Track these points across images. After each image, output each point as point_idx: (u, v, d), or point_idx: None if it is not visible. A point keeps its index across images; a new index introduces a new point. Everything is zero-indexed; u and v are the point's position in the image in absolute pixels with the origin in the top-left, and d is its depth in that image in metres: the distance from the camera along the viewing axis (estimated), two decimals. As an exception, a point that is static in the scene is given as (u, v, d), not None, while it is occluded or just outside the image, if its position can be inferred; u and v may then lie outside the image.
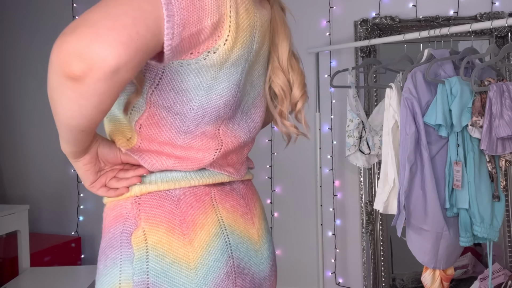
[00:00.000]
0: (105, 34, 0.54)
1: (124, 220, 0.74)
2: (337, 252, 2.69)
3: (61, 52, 0.55)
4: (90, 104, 0.58)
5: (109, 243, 0.74)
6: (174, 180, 0.75)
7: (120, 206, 0.76)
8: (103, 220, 0.79)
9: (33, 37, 2.98)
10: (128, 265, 0.70)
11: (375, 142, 2.30)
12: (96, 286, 0.75)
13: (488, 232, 1.66)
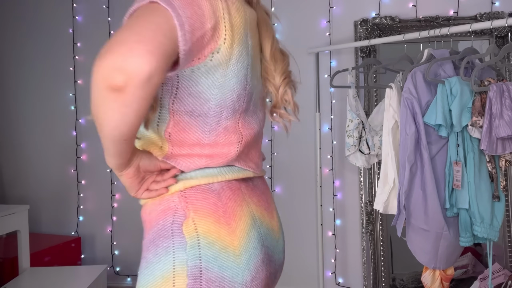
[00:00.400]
0: (135, 47, 0.64)
1: (173, 212, 0.82)
2: (337, 252, 2.69)
3: (103, 69, 0.64)
4: (131, 111, 0.67)
5: (158, 234, 0.81)
6: (212, 175, 0.85)
7: (167, 200, 0.84)
8: (147, 216, 0.88)
9: (33, 37, 2.98)
10: (181, 252, 0.78)
11: (375, 142, 2.30)
12: (143, 274, 0.80)
13: (488, 232, 1.66)
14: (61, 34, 2.94)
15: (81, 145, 2.93)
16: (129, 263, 2.89)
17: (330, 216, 2.69)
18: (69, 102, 2.94)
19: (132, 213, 2.90)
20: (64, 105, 2.95)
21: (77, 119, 2.93)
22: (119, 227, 2.90)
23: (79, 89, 2.93)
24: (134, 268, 2.93)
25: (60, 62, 2.94)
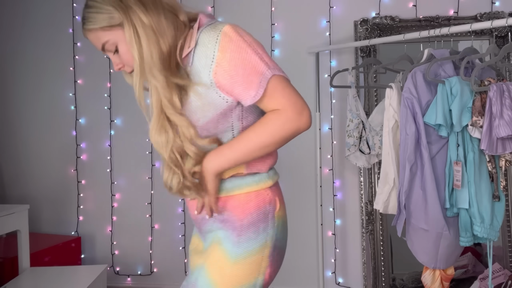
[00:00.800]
0: (305, 105, 1.07)
1: (269, 202, 1.14)
2: (337, 252, 2.68)
3: (305, 123, 1.08)
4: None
5: (258, 218, 1.11)
6: (277, 173, 1.25)
7: (263, 194, 1.14)
8: (244, 204, 1.11)
9: (34, 38, 2.98)
10: (272, 230, 1.12)
11: (375, 142, 2.30)
12: (243, 246, 1.09)
13: (488, 232, 1.66)
14: (61, 34, 2.94)
15: (81, 145, 2.93)
16: (129, 263, 2.89)
17: (330, 216, 2.69)
18: (69, 102, 2.94)
19: (132, 213, 2.91)
20: (64, 105, 2.95)
21: (77, 119, 2.93)
22: (119, 227, 2.90)
23: (79, 89, 2.93)
24: (134, 268, 2.95)
25: (60, 62, 2.94)
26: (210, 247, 1.13)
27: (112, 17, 1.03)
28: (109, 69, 2.88)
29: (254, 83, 1.00)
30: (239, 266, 1.08)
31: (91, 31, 1.06)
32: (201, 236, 1.21)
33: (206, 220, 1.16)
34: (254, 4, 2.74)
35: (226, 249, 1.09)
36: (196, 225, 1.23)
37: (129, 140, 2.88)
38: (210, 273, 1.09)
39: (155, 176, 2.86)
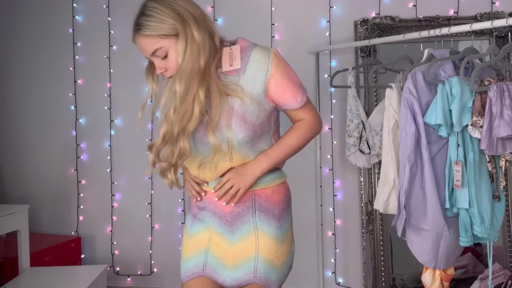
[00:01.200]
0: (320, 116, 1.45)
1: (289, 190, 1.47)
2: (337, 252, 2.69)
3: (321, 129, 1.44)
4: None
5: (287, 203, 1.44)
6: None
7: (285, 184, 1.45)
8: (278, 194, 1.40)
9: (34, 37, 2.98)
10: (291, 213, 1.47)
11: (375, 142, 2.30)
12: (285, 226, 1.40)
13: (488, 232, 1.66)
14: (61, 34, 2.94)
15: (81, 145, 2.93)
16: (129, 263, 2.89)
17: (330, 216, 2.70)
18: (69, 102, 2.94)
19: (132, 213, 2.91)
20: (64, 105, 2.95)
21: (77, 119, 2.93)
22: (119, 227, 2.90)
23: (79, 89, 2.93)
24: (134, 268, 2.95)
25: (60, 62, 2.94)
26: (251, 237, 1.34)
27: (171, 28, 1.22)
28: (109, 69, 2.88)
29: (299, 92, 1.37)
30: (284, 244, 1.38)
31: (147, 37, 1.24)
32: (226, 230, 1.37)
33: (240, 215, 1.35)
34: (254, 4, 2.74)
35: (273, 234, 1.35)
36: (216, 220, 1.38)
37: (129, 140, 2.88)
38: (267, 258, 1.33)
39: (155, 176, 2.86)
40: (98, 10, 2.89)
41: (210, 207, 1.38)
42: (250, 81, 1.27)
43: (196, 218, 1.42)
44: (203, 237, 1.40)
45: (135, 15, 1.33)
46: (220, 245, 1.37)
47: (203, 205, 1.40)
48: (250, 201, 1.35)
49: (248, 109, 1.28)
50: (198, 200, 1.41)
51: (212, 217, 1.38)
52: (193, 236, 1.41)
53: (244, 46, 1.30)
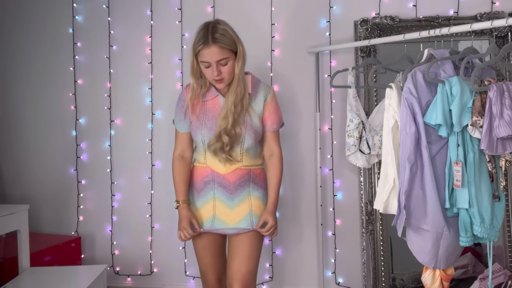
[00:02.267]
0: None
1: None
2: (337, 252, 2.68)
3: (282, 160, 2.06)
4: None
5: (266, 181, 2.03)
6: None
7: (264, 169, 2.04)
8: (261, 173, 2.01)
9: (33, 37, 2.98)
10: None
11: (375, 142, 2.30)
12: (265, 195, 2.03)
13: (488, 232, 1.66)
14: (61, 34, 2.94)
15: (81, 145, 2.93)
16: (129, 263, 2.89)
17: (330, 216, 2.70)
18: (69, 102, 2.94)
19: (132, 213, 2.91)
20: (64, 105, 2.95)
21: (77, 119, 2.93)
22: (119, 227, 2.90)
23: (79, 89, 2.93)
24: (134, 268, 2.95)
25: (60, 62, 2.94)
26: (246, 201, 1.93)
27: (234, 45, 1.83)
28: (109, 69, 2.88)
29: (277, 122, 2.00)
30: (265, 204, 1.99)
31: (221, 48, 1.77)
32: (227, 197, 1.91)
33: (241, 185, 1.92)
34: (254, 4, 2.74)
35: (260, 198, 1.98)
36: (221, 190, 1.92)
37: (129, 140, 2.88)
38: (257, 212, 1.95)
39: (155, 176, 2.86)
40: (98, 10, 2.89)
41: (217, 180, 1.91)
42: (257, 104, 1.94)
43: (202, 191, 1.94)
44: (208, 208, 1.94)
45: (199, 30, 1.82)
46: (223, 210, 1.92)
47: (209, 179, 1.93)
48: (248, 175, 1.94)
49: (255, 123, 1.92)
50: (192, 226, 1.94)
51: (218, 188, 1.91)
52: (200, 208, 1.95)
53: (254, 77, 1.96)
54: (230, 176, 1.91)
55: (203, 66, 1.82)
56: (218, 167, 1.91)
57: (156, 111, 2.84)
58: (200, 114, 1.92)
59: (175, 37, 2.80)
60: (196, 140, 1.94)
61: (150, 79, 2.85)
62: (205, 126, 1.89)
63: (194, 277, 2.81)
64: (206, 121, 1.90)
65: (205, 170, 1.94)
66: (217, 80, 1.83)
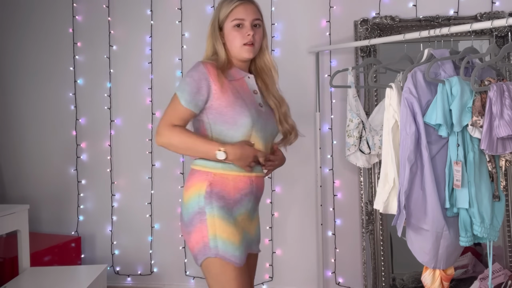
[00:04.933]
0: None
1: None
2: (337, 252, 2.68)
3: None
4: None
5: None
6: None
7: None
8: (262, 184, 1.65)
9: (33, 37, 2.98)
10: None
11: (375, 142, 2.30)
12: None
13: (488, 232, 1.66)
14: (61, 34, 2.94)
15: (81, 145, 2.93)
16: (129, 263, 2.89)
17: (330, 216, 2.69)
18: (69, 102, 2.94)
19: (132, 213, 2.91)
20: (64, 105, 2.95)
21: (77, 119, 2.93)
22: (119, 227, 2.90)
23: (79, 89, 2.93)
24: (134, 268, 2.95)
25: (60, 62, 2.95)
26: (257, 213, 1.66)
27: (262, 18, 1.64)
28: (109, 69, 2.88)
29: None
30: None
31: (256, 7, 1.61)
32: (252, 209, 1.60)
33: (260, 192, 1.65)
34: (254, 4, 2.74)
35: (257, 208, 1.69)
36: (253, 203, 1.60)
37: (129, 140, 2.89)
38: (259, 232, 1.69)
39: (155, 176, 2.86)
40: (98, 10, 2.89)
41: (254, 191, 1.58)
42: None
43: (236, 206, 1.54)
44: (241, 222, 1.56)
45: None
46: (247, 224, 1.59)
47: (249, 191, 1.56)
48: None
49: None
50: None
51: (254, 201, 1.60)
52: (237, 224, 1.53)
53: None
54: (262, 186, 1.65)
55: (231, 29, 1.56)
56: (256, 171, 1.59)
57: (156, 111, 2.84)
58: (233, 93, 1.54)
59: (175, 37, 2.80)
60: (240, 123, 1.52)
61: (150, 79, 2.85)
62: (250, 105, 1.55)
63: (194, 277, 2.81)
64: (247, 100, 1.56)
65: (242, 180, 1.55)
66: (249, 44, 1.55)
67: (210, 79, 1.49)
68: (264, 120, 1.58)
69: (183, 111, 1.50)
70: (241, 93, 1.55)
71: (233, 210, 1.53)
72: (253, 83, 1.62)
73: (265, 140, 1.59)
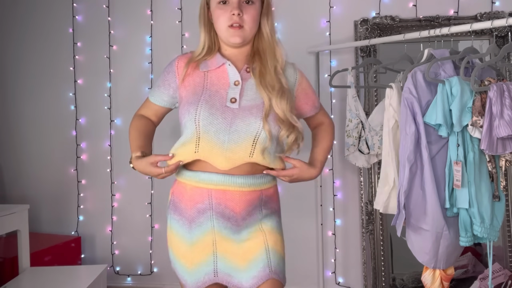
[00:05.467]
0: None
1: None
2: (337, 252, 2.68)
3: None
4: None
5: (279, 202, 1.51)
6: None
7: (276, 185, 1.52)
8: (274, 193, 1.47)
9: (34, 37, 2.98)
10: None
11: (374, 142, 2.30)
12: (280, 222, 1.45)
13: (488, 232, 1.66)
14: (61, 34, 2.94)
15: (81, 145, 2.93)
16: (129, 263, 2.89)
17: (330, 216, 2.69)
18: (69, 102, 2.94)
19: (132, 213, 2.91)
20: (64, 105, 2.95)
21: (77, 119, 2.93)
22: (119, 227, 2.90)
23: (79, 89, 2.93)
24: (134, 268, 2.95)
25: (60, 62, 2.94)
26: (257, 233, 1.33)
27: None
28: (109, 69, 2.88)
29: (317, 99, 1.56)
30: (282, 236, 1.40)
31: None
32: (232, 231, 1.31)
33: (251, 213, 1.33)
34: (254, 4, 2.74)
35: (276, 228, 1.38)
36: (222, 222, 1.31)
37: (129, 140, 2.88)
38: (277, 249, 1.33)
39: (155, 176, 2.86)
40: (98, 10, 2.89)
41: (218, 209, 1.29)
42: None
43: (194, 223, 1.31)
44: (207, 243, 1.32)
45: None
46: (227, 247, 1.31)
47: (206, 206, 1.30)
48: (259, 200, 1.35)
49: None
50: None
51: (218, 219, 1.29)
52: (196, 244, 1.32)
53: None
54: (236, 203, 1.31)
55: (216, 6, 1.32)
56: (215, 184, 1.30)
57: (156, 111, 2.84)
58: (191, 88, 1.35)
59: (175, 37, 2.80)
60: (184, 123, 1.32)
61: (150, 79, 2.84)
62: (203, 101, 1.30)
63: (194, 277, 2.81)
64: (206, 96, 1.31)
65: (197, 192, 1.32)
66: (235, 26, 1.30)
67: (176, 73, 1.38)
68: (230, 120, 1.28)
69: (149, 103, 1.52)
70: (204, 87, 1.33)
71: (191, 227, 1.32)
72: (234, 73, 1.34)
73: (228, 145, 1.27)
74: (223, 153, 1.28)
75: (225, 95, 1.31)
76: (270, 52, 1.36)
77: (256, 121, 1.29)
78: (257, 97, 1.33)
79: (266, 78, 1.33)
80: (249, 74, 1.36)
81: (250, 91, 1.33)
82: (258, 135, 1.29)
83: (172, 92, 1.41)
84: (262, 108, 1.31)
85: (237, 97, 1.31)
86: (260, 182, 1.36)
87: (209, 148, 1.28)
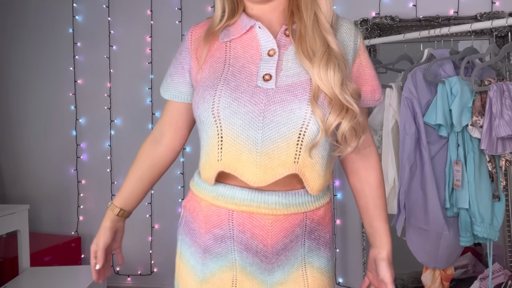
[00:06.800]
0: None
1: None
2: (337, 252, 2.68)
3: None
4: None
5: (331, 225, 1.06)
6: None
7: (331, 201, 1.08)
8: (326, 215, 1.00)
9: (33, 37, 2.98)
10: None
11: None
12: (331, 259, 1.02)
13: (488, 232, 1.66)
14: (61, 34, 2.94)
15: (81, 145, 2.93)
16: (129, 263, 2.89)
17: (330, 216, 2.69)
18: (69, 102, 2.94)
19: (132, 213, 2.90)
20: (64, 105, 2.95)
21: (77, 119, 2.93)
22: (119, 227, 2.89)
23: (79, 89, 2.93)
24: (134, 268, 2.94)
25: (60, 62, 2.94)
26: (296, 276, 0.94)
27: None
28: (109, 69, 2.88)
29: (379, 87, 1.03)
30: (333, 279, 1.02)
31: None
32: (260, 269, 0.93)
33: (288, 248, 0.92)
34: (254, 4, 2.74)
35: (325, 269, 0.97)
36: (247, 257, 0.92)
37: (129, 140, 2.88)
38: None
39: (155, 176, 2.86)
40: (98, 10, 2.89)
41: (240, 238, 0.91)
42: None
43: (209, 253, 0.94)
44: (224, 281, 0.94)
45: None
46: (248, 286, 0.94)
47: (225, 233, 0.92)
48: (301, 227, 0.93)
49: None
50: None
51: (241, 253, 0.92)
52: (209, 281, 0.95)
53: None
54: (266, 232, 0.90)
55: None
56: (237, 205, 0.91)
57: (156, 111, 2.84)
58: (210, 66, 0.95)
59: (175, 37, 2.80)
60: (201, 115, 0.92)
61: (150, 79, 2.84)
62: (224, 83, 0.90)
63: (194, 277, 2.81)
64: (228, 75, 0.91)
65: (215, 212, 0.94)
66: None
67: (190, 49, 0.99)
68: (263, 107, 0.86)
69: (166, 105, 1.08)
70: (226, 63, 0.93)
71: (205, 257, 0.95)
72: (267, 38, 0.92)
73: (263, 145, 0.86)
74: (256, 160, 0.86)
75: (255, 70, 0.90)
76: (313, 2, 0.92)
77: (301, 106, 0.86)
78: (301, 71, 0.89)
79: (306, 40, 0.90)
80: (288, 38, 0.93)
81: (292, 63, 0.90)
82: (305, 127, 0.86)
83: (190, 78, 1.00)
84: (309, 86, 0.87)
85: (273, 72, 0.89)
86: (303, 201, 0.92)
87: (236, 152, 0.87)
